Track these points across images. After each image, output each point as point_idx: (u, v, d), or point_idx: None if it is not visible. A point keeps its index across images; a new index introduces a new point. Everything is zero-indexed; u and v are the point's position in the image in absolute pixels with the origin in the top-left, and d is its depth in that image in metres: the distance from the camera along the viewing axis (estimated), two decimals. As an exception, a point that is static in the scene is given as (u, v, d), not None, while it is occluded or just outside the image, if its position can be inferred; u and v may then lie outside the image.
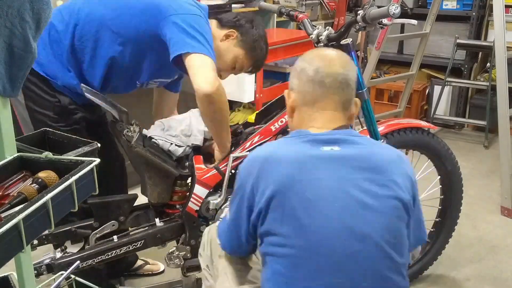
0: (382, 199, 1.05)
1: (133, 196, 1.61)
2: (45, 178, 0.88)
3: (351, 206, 1.04)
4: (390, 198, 1.06)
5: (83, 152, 0.99)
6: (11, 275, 1.18)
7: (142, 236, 1.56)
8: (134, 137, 1.49)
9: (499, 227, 2.54)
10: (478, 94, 3.96)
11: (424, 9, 3.86)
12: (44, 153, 0.94)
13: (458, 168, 1.93)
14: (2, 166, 0.87)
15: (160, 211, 1.64)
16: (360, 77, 1.61)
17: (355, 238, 1.02)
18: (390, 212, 1.06)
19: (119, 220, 1.57)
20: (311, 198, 1.04)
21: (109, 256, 1.52)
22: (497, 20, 2.64)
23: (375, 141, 1.21)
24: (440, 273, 2.12)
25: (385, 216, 1.05)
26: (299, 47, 3.41)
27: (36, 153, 0.94)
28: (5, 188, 0.88)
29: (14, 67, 0.83)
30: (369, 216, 1.04)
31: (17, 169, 0.92)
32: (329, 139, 1.10)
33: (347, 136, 1.11)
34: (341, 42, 1.55)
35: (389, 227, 1.05)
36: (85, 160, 0.93)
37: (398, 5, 1.35)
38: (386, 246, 1.04)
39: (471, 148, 3.64)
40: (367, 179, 1.06)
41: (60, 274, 1.33)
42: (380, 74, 4.11)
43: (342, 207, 1.04)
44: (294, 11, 1.76)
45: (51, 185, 0.86)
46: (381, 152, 1.13)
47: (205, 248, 1.37)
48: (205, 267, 1.37)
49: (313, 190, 1.04)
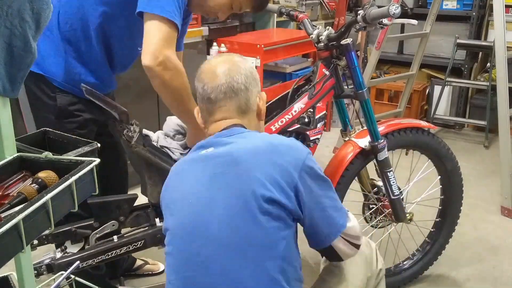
0: (228, 195, 1.09)
1: (133, 196, 1.61)
2: (45, 178, 0.88)
3: (200, 202, 1.11)
4: (239, 193, 1.07)
5: (83, 152, 0.99)
6: (11, 275, 1.18)
7: (142, 236, 1.56)
8: (134, 137, 1.49)
9: (499, 227, 2.54)
10: (478, 94, 3.96)
11: (424, 9, 3.86)
12: (44, 153, 0.94)
13: (458, 168, 1.93)
14: (2, 166, 0.88)
15: (160, 211, 1.64)
16: (360, 77, 1.61)
17: (198, 235, 1.09)
18: (235, 209, 1.07)
19: (119, 220, 1.57)
20: (176, 197, 1.17)
21: (109, 256, 1.52)
22: (497, 20, 2.64)
23: (256, 135, 1.19)
24: (440, 273, 2.12)
25: (229, 213, 1.08)
26: (299, 47, 3.42)
27: (36, 153, 0.95)
28: (5, 188, 0.88)
29: (14, 67, 0.83)
30: (214, 213, 1.09)
31: (17, 169, 0.92)
32: (207, 142, 1.19)
33: (224, 138, 1.16)
34: (341, 42, 1.55)
35: (232, 224, 1.07)
36: (85, 160, 0.93)
37: (399, 5, 1.35)
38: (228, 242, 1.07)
39: (471, 148, 3.64)
40: (222, 173, 1.10)
41: (60, 274, 1.33)
42: (380, 74, 4.11)
43: (191, 204, 1.12)
44: (294, 11, 1.76)
45: (51, 185, 0.87)
46: (247, 146, 1.13)
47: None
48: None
49: (179, 190, 1.17)
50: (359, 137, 1.73)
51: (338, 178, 1.70)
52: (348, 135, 1.78)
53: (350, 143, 1.74)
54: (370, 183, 1.87)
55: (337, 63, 1.60)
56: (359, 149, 1.70)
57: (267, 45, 3.13)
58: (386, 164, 1.70)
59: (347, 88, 1.67)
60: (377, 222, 1.89)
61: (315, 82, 1.60)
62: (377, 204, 1.86)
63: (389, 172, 1.71)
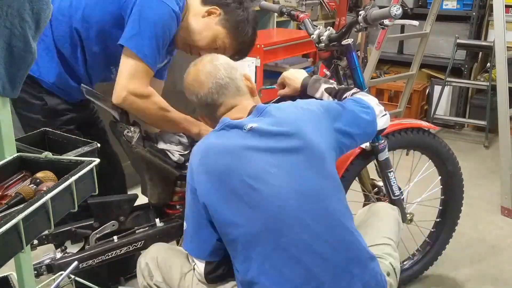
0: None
1: (133, 196, 1.61)
2: (42, 178, 0.88)
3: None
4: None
5: (83, 152, 0.99)
6: (11, 275, 1.18)
7: (142, 237, 1.56)
8: (134, 138, 1.49)
9: (499, 227, 2.54)
10: (478, 94, 3.96)
11: (424, 9, 3.86)
12: (43, 153, 0.94)
13: (459, 169, 1.92)
14: (2, 166, 0.87)
15: (160, 211, 1.64)
16: (361, 78, 1.60)
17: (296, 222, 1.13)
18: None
19: (119, 220, 1.57)
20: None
21: (109, 256, 1.52)
22: (497, 20, 2.64)
23: (286, 104, 1.31)
24: (440, 273, 2.12)
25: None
26: (299, 47, 3.42)
27: (36, 153, 0.94)
28: (4, 188, 0.88)
29: (14, 67, 0.83)
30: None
31: (17, 169, 0.92)
32: (242, 121, 1.24)
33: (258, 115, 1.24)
34: (342, 42, 1.55)
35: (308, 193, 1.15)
36: (85, 160, 0.93)
37: (400, 7, 1.34)
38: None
39: (471, 148, 3.64)
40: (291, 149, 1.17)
41: (60, 274, 1.33)
42: (380, 74, 4.11)
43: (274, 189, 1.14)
44: (295, 11, 1.75)
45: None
46: (291, 116, 1.23)
47: (150, 275, 1.34)
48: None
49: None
50: (359, 138, 1.72)
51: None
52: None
53: (350, 144, 1.74)
54: (370, 183, 1.87)
55: (337, 64, 1.60)
56: (359, 149, 1.70)
57: (267, 45, 3.13)
58: (386, 165, 1.69)
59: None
60: (378, 222, 1.88)
61: (316, 82, 1.59)
62: (377, 204, 1.86)
63: (389, 173, 1.70)
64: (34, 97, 1.55)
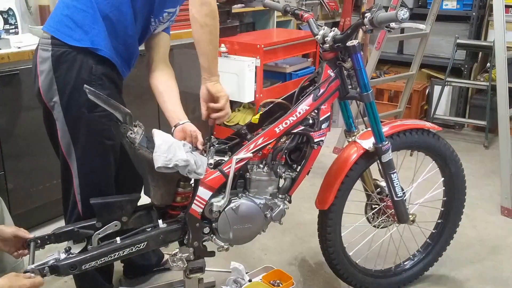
0: None
1: (136, 196, 1.61)
2: None
3: None
4: None
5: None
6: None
7: (145, 238, 1.55)
8: (137, 139, 1.48)
9: (499, 227, 2.55)
10: (478, 94, 3.97)
11: (424, 9, 3.87)
12: None
13: (462, 170, 1.93)
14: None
15: (163, 212, 1.63)
16: (366, 79, 1.60)
17: None
18: None
19: (122, 221, 1.56)
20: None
21: (112, 258, 1.51)
22: (497, 20, 2.64)
23: None
24: (440, 273, 2.12)
25: None
26: (299, 47, 3.41)
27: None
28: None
29: None
30: None
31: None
32: None
33: None
34: (347, 43, 1.54)
35: None
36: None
37: (407, 11, 1.33)
38: None
39: (471, 148, 3.65)
40: None
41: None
42: (380, 74, 4.11)
43: None
44: (300, 10, 1.74)
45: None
46: None
47: None
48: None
49: None
50: (363, 138, 1.72)
51: (342, 178, 1.70)
52: (352, 136, 1.78)
53: (354, 144, 1.74)
54: (373, 184, 1.87)
55: (342, 65, 1.60)
56: (363, 150, 1.70)
57: (267, 45, 3.12)
58: (390, 166, 1.69)
59: (351, 89, 1.65)
60: (380, 222, 1.89)
61: (320, 84, 1.59)
62: (380, 204, 1.86)
63: (392, 174, 1.70)
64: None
